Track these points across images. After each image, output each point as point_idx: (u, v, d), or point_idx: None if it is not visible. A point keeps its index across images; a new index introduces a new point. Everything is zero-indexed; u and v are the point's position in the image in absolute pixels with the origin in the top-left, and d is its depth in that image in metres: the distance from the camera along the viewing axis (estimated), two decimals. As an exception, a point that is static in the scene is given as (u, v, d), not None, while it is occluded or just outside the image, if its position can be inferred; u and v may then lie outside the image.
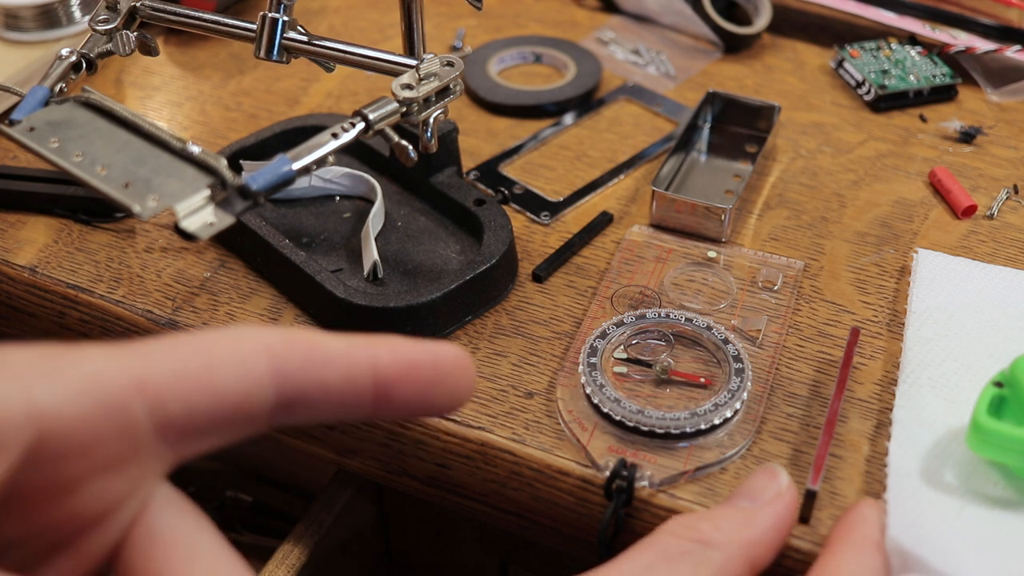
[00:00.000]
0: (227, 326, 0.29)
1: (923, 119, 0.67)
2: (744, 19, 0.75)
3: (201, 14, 0.53)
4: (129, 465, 0.28)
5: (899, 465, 0.43)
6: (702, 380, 0.48)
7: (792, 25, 0.77)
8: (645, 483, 0.44)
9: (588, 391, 0.47)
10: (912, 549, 0.40)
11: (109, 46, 0.52)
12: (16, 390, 0.26)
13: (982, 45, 0.69)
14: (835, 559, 0.38)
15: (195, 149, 0.41)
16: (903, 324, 0.51)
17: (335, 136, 0.44)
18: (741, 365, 0.48)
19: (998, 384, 0.42)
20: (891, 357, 0.50)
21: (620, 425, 0.46)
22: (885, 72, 0.68)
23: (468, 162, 0.63)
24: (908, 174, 0.62)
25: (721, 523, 0.37)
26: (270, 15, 0.51)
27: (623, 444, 0.46)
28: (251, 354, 0.29)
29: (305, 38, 0.51)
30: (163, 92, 0.71)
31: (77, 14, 0.72)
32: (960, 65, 0.71)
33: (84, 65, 0.50)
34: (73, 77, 0.50)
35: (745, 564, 0.36)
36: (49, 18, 0.71)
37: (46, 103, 0.46)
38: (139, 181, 0.40)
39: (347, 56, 0.51)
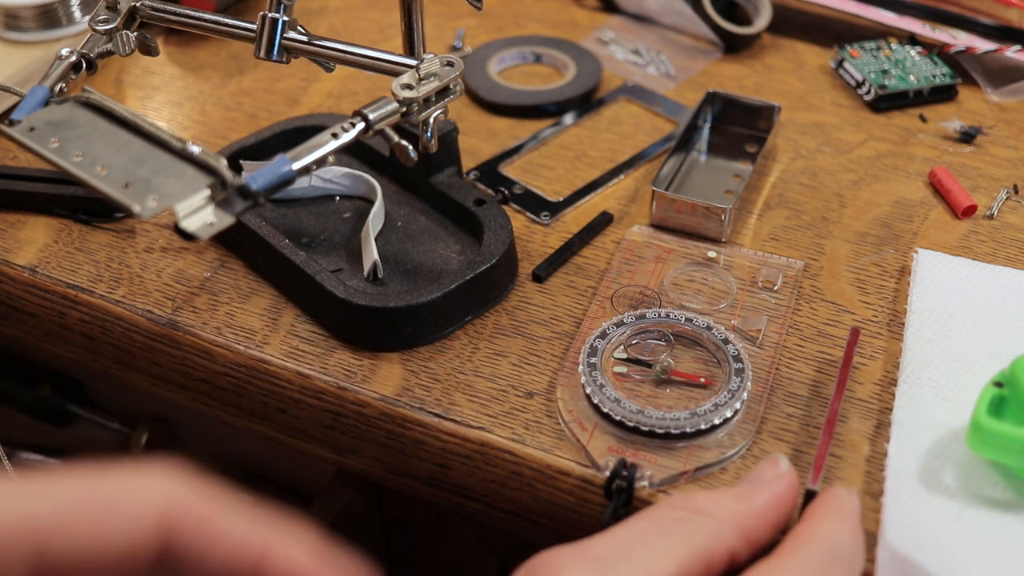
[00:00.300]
0: (132, 471, 0.30)
1: (923, 119, 0.67)
2: (744, 19, 0.75)
3: (201, 14, 0.53)
4: None
5: (898, 467, 0.43)
6: (702, 380, 0.48)
7: (792, 25, 0.77)
8: (645, 483, 0.44)
9: (588, 391, 0.47)
10: (910, 553, 0.40)
11: (109, 46, 0.52)
12: None
13: (982, 45, 0.69)
14: (810, 525, 0.37)
15: (195, 149, 0.41)
16: (903, 324, 0.51)
17: (335, 136, 0.44)
18: (741, 365, 0.48)
19: (998, 384, 0.42)
20: (891, 357, 0.50)
21: (620, 425, 0.46)
22: (885, 72, 0.68)
23: (468, 162, 0.63)
24: (908, 174, 0.62)
25: (717, 496, 0.37)
26: (270, 15, 0.51)
27: (623, 444, 0.46)
28: (144, 513, 0.29)
29: (305, 38, 0.51)
30: (163, 92, 0.71)
31: (77, 14, 0.72)
32: (960, 65, 0.71)
33: (84, 65, 0.50)
34: (73, 77, 0.50)
35: (739, 535, 0.36)
36: (49, 18, 0.71)
37: (46, 103, 0.46)
38: (139, 181, 0.40)
39: (347, 56, 0.51)
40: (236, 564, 0.30)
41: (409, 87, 0.47)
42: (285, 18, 0.51)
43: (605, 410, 0.46)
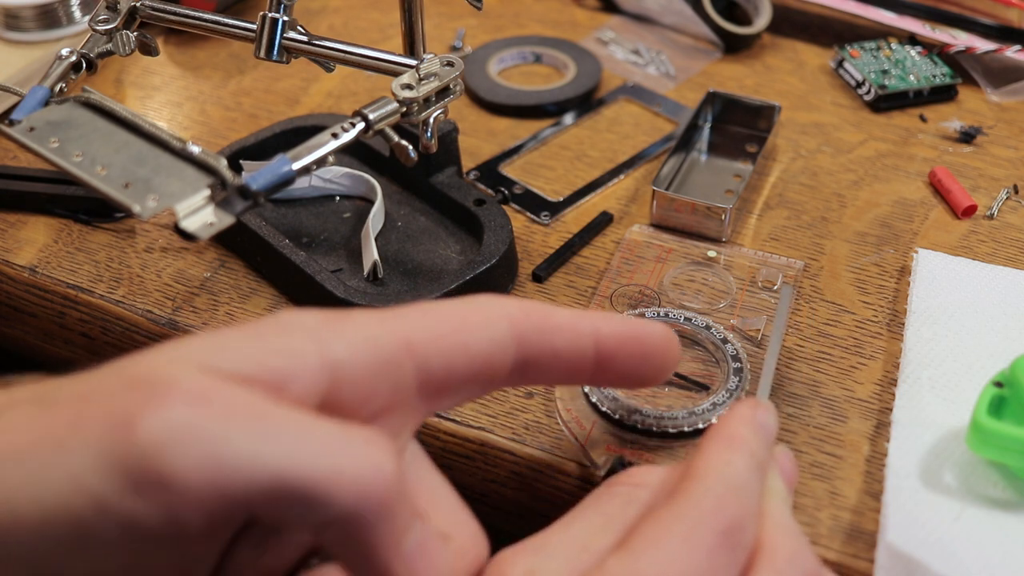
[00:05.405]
0: (471, 296, 0.34)
1: (923, 119, 0.67)
2: (744, 19, 0.75)
3: (201, 14, 0.53)
4: (393, 416, 0.33)
5: (898, 467, 0.43)
6: (701, 380, 0.48)
7: (792, 25, 0.77)
8: (645, 483, 0.44)
9: (586, 389, 0.47)
10: (911, 552, 0.40)
11: (109, 46, 0.52)
12: (312, 347, 0.30)
13: (982, 45, 0.69)
14: (700, 459, 0.34)
15: (195, 149, 0.41)
16: (903, 324, 0.51)
17: (335, 136, 0.44)
18: (740, 365, 0.48)
19: (998, 384, 0.42)
20: (891, 357, 0.50)
21: (618, 424, 0.46)
22: (885, 72, 0.68)
23: (468, 162, 0.63)
24: (908, 174, 0.62)
25: (654, 468, 0.36)
26: (270, 15, 0.51)
27: (621, 443, 0.46)
28: (496, 320, 0.34)
29: (305, 38, 0.51)
30: (163, 92, 0.71)
31: (77, 14, 0.72)
32: (960, 65, 0.71)
33: (84, 65, 0.50)
34: (73, 77, 0.50)
35: None
36: (49, 18, 0.71)
37: (46, 103, 0.46)
38: (139, 181, 0.40)
39: (347, 56, 0.51)
40: (580, 344, 0.35)
41: (409, 87, 0.47)
42: (285, 18, 0.51)
43: (603, 408, 0.46)
